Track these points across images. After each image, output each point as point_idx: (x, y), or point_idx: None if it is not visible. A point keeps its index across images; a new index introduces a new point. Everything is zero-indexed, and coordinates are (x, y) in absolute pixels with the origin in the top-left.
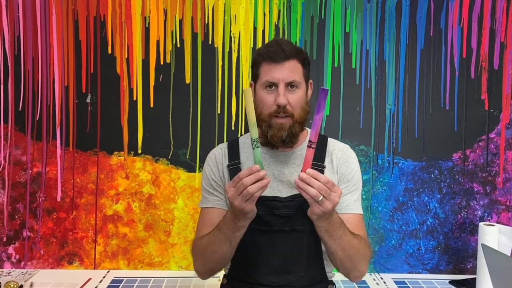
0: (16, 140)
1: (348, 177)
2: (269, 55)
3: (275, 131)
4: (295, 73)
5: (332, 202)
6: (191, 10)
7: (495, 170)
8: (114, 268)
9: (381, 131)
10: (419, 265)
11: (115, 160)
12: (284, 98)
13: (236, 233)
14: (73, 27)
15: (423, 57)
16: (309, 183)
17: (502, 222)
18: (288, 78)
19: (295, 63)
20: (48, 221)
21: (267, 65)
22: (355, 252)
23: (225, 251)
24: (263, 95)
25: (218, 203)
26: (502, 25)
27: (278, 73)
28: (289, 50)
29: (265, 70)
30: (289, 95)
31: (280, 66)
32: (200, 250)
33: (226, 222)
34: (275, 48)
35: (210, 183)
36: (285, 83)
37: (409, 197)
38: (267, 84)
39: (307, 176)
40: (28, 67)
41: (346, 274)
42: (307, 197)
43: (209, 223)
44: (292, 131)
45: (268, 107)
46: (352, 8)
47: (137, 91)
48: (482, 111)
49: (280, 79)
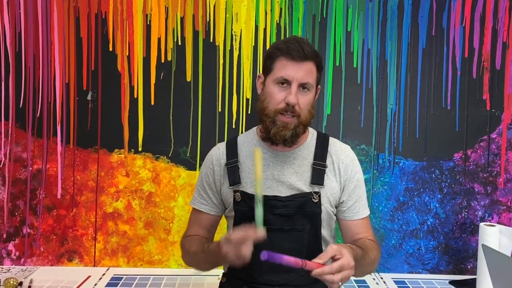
0: (16, 137)
1: (356, 184)
2: (288, 51)
3: (279, 129)
4: (310, 75)
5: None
6: (192, 7)
7: (496, 171)
8: (114, 265)
9: (382, 131)
10: (419, 265)
11: (116, 158)
12: (295, 98)
13: (220, 262)
14: (74, 24)
15: (425, 56)
16: (327, 279)
17: (502, 222)
18: (303, 79)
19: (312, 65)
20: (48, 218)
21: (284, 61)
22: (372, 264)
23: (207, 268)
24: (274, 91)
25: (207, 207)
26: (504, 25)
27: (295, 72)
28: (309, 51)
29: (281, 66)
30: (300, 96)
31: (297, 65)
32: (187, 252)
33: (213, 255)
34: (295, 46)
35: (203, 184)
36: (298, 83)
37: (410, 197)
38: (280, 80)
39: (321, 270)
40: (29, 64)
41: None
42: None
43: (197, 225)
44: (296, 132)
45: (276, 103)
46: (354, 7)
47: (138, 88)
48: (483, 111)
49: (295, 78)
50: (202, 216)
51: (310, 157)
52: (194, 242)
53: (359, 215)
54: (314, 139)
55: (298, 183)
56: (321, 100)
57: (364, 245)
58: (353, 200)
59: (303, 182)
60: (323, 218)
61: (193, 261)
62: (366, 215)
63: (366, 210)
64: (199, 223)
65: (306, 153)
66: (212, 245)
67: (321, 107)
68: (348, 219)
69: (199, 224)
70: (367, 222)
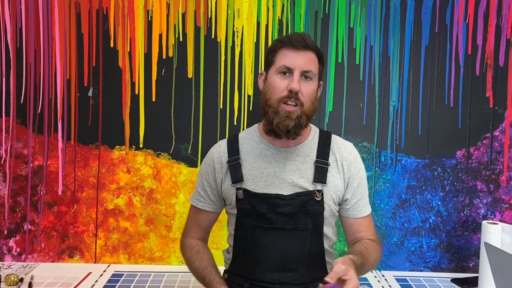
0: (17, 133)
1: (359, 181)
2: (290, 41)
3: (281, 119)
4: (312, 64)
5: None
6: (194, 4)
7: (499, 168)
8: (115, 262)
9: (384, 128)
10: (421, 263)
11: (117, 154)
12: (297, 84)
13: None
14: (75, 20)
15: (428, 53)
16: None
17: (505, 220)
18: (305, 67)
19: (313, 55)
20: (49, 214)
21: (285, 51)
22: (372, 266)
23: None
24: (276, 80)
25: (204, 204)
26: (508, 22)
27: (296, 59)
28: (310, 42)
29: (283, 55)
30: (303, 84)
31: (299, 53)
32: (187, 261)
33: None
34: (297, 37)
35: (202, 182)
36: (301, 71)
37: (412, 195)
38: (282, 70)
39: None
40: (30, 60)
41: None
42: None
43: (195, 221)
44: (299, 122)
45: (279, 91)
46: (357, 4)
47: (139, 85)
48: (486, 108)
49: (297, 65)
50: (200, 213)
51: (313, 154)
52: (195, 256)
53: (362, 213)
54: (316, 136)
55: (300, 180)
56: (323, 97)
57: (365, 250)
58: (357, 198)
59: (306, 179)
60: (325, 216)
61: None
62: (368, 212)
63: (369, 207)
64: (197, 220)
65: (309, 150)
66: (213, 283)
67: (323, 104)
68: (351, 217)
69: (197, 220)
70: (369, 220)
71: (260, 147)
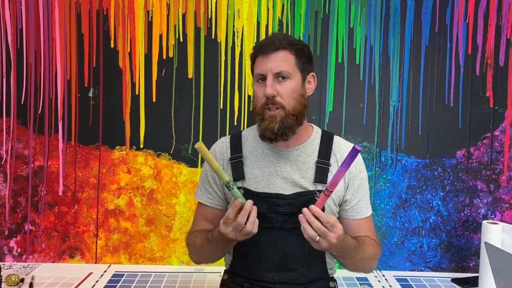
0: (18, 133)
1: (360, 182)
2: (261, 48)
3: (266, 123)
4: (284, 63)
5: (328, 243)
6: (194, 4)
7: (499, 168)
8: (115, 262)
9: (384, 128)
10: (421, 263)
11: (117, 155)
12: (271, 89)
13: (228, 246)
14: (75, 20)
15: (428, 53)
16: (309, 221)
17: (505, 220)
18: (275, 69)
19: (286, 53)
20: (49, 215)
21: (259, 58)
22: (367, 261)
23: (218, 256)
24: (255, 89)
25: (211, 201)
26: (508, 22)
27: (267, 64)
28: (279, 41)
29: (257, 63)
30: (278, 86)
31: (268, 57)
32: (193, 248)
33: (217, 240)
34: (267, 40)
35: (207, 178)
36: (273, 73)
37: (412, 195)
38: (258, 77)
39: (308, 212)
40: (31, 61)
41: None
42: (305, 236)
43: (203, 219)
44: (284, 123)
45: (259, 99)
46: (357, 3)
47: (139, 85)
48: (486, 108)
49: (267, 69)
50: (207, 209)
51: (314, 154)
52: (197, 236)
53: (362, 214)
54: (318, 136)
55: (301, 180)
56: (323, 97)
57: (362, 240)
58: (357, 199)
59: (307, 179)
60: None
61: (201, 254)
62: (369, 214)
63: (369, 209)
64: (204, 217)
65: (310, 150)
66: (215, 232)
67: (323, 104)
68: (351, 218)
69: (204, 218)
70: (369, 221)
71: (262, 146)
